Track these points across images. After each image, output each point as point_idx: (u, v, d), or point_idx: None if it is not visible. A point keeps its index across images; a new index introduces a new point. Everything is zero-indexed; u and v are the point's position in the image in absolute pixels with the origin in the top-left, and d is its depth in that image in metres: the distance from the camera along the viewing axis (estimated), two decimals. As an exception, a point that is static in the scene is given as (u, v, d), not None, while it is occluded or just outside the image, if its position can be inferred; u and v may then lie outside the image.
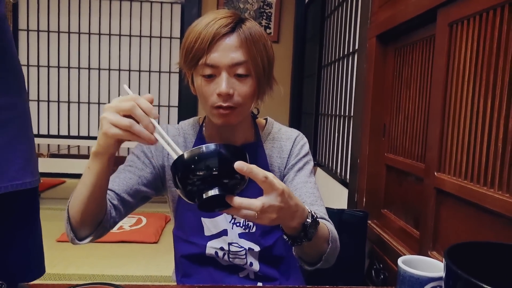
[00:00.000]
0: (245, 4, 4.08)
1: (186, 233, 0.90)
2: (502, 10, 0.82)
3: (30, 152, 0.74)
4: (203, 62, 0.77)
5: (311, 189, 0.89)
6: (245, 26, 0.79)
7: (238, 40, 0.77)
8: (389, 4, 1.42)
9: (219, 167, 0.56)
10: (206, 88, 0.79)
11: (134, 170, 0.87)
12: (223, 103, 0.78)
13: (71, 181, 4.21)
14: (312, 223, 0.67)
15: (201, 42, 0.76)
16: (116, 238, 2.56)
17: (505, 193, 0.80)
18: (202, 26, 0.77)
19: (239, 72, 0.78)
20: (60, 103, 4.22)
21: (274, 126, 0.97)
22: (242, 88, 0.79)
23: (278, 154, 0.93)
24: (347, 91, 2.14)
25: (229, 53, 0.76)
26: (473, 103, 0.91)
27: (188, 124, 0.95)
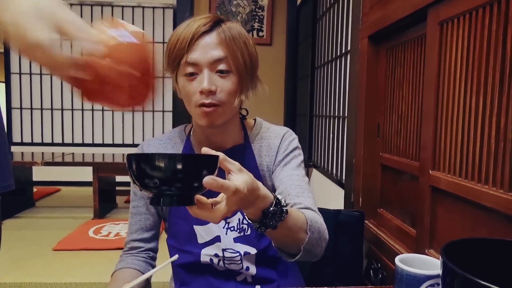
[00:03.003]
0: (237, 8, 4.09)
1: (179, 242, 0.89)
2: (491, 8, 0.82)
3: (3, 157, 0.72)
4: (184, 61, 0.78)
5: (297, 181, 0.86)
6: (224, 25, 0.80)
7: (217, 37, 0.78)
8: (380, 5, 1.43)
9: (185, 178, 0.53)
10: (189, 87, 0.80)
11: (139, 211, 0.94)
12: (205, 100, 0.78)
13: (66, 189, 4.18)
14: (276, 211, 0.63)
15: (181, 42, 0.77)
16: (113, 245, 2.55)
17: (499, 190, 0.80)
18: (182, 28, 0.79)
19: (221, 68, 0.79)
20: (54, 111, 4.20)
21: (263, 126, 0.96)
22: (224, 84, 0.79)
23: (266, 152, 0.92)
24: (341, 92, 2.15)
25: (208, 50, 0.77)
26: (465, 101, 0.92)
27: (174, 133, 0.96)
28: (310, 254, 0.74)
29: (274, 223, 0.63)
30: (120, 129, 4.27)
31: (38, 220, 3.16)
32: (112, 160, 3.24)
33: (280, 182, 0.87)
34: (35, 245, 2.56)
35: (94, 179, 3.07)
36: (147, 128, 4.29)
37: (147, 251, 0.93)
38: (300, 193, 0.84)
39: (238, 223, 0.88)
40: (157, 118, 4.28)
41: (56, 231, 2.82)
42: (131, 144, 4.26)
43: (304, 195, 0.84)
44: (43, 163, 3.00)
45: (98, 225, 2.93)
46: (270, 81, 4.23)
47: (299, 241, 0.71)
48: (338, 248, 1.40)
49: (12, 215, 3.19)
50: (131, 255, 0.91)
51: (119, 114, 4.26)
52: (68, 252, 2.46)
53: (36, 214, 3.31)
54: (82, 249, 2.49)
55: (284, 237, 0.70)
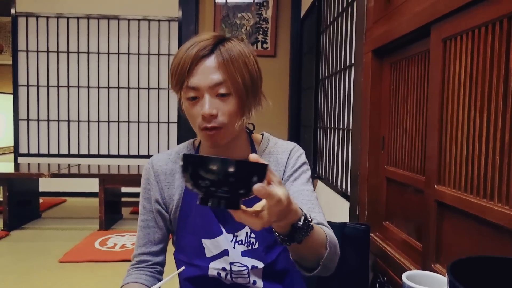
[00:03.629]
0: (241, 20, 4.14)
1: (187, 255, 0.90)
2: (494, 27, 0.84)
3: None
4: (186, 85, 0.80)
5: (307, 197, 0.89)
6: (223, 47, 0.81)
7: (216, 61, 0.80)
8: (384, 20, 1.45)
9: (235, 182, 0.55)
10: (192, 110, 0.82)
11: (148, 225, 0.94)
12: (207, 124, 0.80)
13: (72, 200, 4.20)
14: (304, 226, 0.66)
15: (182, 66, 0.79)
16: (119, 257, 2.55)
17: (504, 205, 0.81)
18: (183, 51, 0.80)
19: (221, 92, 0.80)
20: (60, 122, 4.25)
21: (271, 141, 0.98)
22: (225, 107, 0.81)
23: (274, 167, 0.93)
24: (345, 104, 2.16)
25: (208, 75, 0.79)
26: (470, 117, 0.93)
27: (183, 147, 0.97)
28: (326, 269, 0.77)
29: (301, 237, 0.66)
30: (125, 140, 4.30)
31: (44, 231, 3.17)
32: (117, 172, 3.26)
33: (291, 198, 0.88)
34: (41, 256, 2.57)
35: (100, 191, 3.09)
36: (153, 139, 4.32)
37: (155, 265, 0.93)
38: (312, 209, 0.87)
39: (246, 237, 0.89)
40: (162, 129, 4.31)
41: (62, 242, 2.83)
42: (137, 155, 4.29)
43: (315, 211, 0.87)
44: (50, 174, 3.03)
45: (104, 236, 2.94)
46: (274, 92, 4.26)
47: (319, 256, 0.75)
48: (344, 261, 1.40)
49: (18, 226, 3.20)
50: (139, 269, 0.92)
51: (124, 125, 4.29)
52: (74, 264, 2.46)
53: (42, 225, 3.33)
54: (88, 261, 2.50)
55: (306, 251, 0.72)
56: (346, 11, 2.18)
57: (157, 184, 0.93)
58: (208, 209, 0.88)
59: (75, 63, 4.22)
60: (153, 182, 0.93)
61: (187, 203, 0.90)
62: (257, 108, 0.89)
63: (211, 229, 0.88)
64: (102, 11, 4.16)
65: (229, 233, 0.89)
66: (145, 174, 0.95)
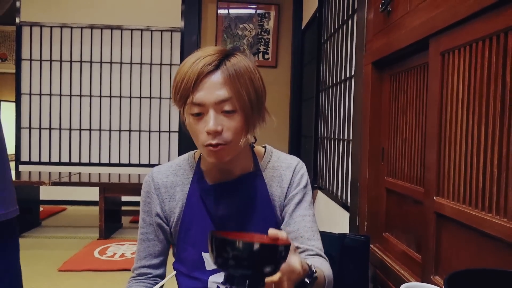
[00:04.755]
0: (243, 31, 4.18)
1: (187, 267, 0.91)
2: (491, 41, 0.85)
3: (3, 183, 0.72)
4: (190, 101, 0.78)
5: (309, 223, 0.91)
6: (229, 62, 0.80)
7: (222, 77, 0.78)
8: (383, 33, 1.47)
9: (256, 266, 0.59)
10: (195, 126, 0.80)
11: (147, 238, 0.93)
12: (212, 141, 0.79)
13: (72, 208, 4.20)
14: (312, 280, 0.73)
15: (187, 81, 0.77)
16: (118, 266, 2.55)
17: (502, 218, 0.81)
18: (188, 66, 0.79)
19: (226, 109, 0.79)
20: (62, 131, 4.27)
21: (274, 155, 0.98)
22: (230, 124, 0.80)
23: (278, 183, 0.94)
24: (345, 115, 2.17)
25: (214, 91, 0.78)
26: (468, 130, 0.94)
27: (183, 160, 0.96)
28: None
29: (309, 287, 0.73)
30: (126, 149, 4.32)
31: (44, 239, 3.16)
32: (118, 180, 3.27)
33: (293, 221, 0.92)
34: (41, 265, 2.56)
35: (101, 199, 3.09)
36: (153, 148, 4.33)
37: (155, 277, 0.93)
38: (312, 236, 0.91)
39: None
40: (163, 138, 4.33)
41: (61, 251, 2.82)
42: (138, 164, 4.30)
43: (314, 238, 0.91)
44: (51, 183, 3.03)
45: (103, 245, 2.93)
46: (275, 103, 4.28)
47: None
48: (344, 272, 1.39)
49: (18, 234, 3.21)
50: (139, 281, 0.92)
51: (126, 134, 4.31)
52: (73, 273, 2.46)
53: (42, 233, 3.32)
54: (87, 270, 2.49)
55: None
56: (346, 23, 2.21)
57: (158, 197, 0.92)
58: (209, 222, 0.89)
59: (78, 72, 4.25)
60: (154, 195, 0.92)
61: (188, 216, 0.90)
62: (261, 125, 0.88)
63: None
64: (106, 21, 4.21)
65: None
66: (145, 187, 0.95)
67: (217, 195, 0.89)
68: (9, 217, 0.74)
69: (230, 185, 0.90)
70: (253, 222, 0.90)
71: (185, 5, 4.13)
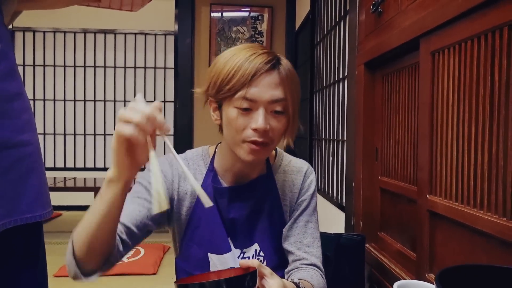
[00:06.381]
0: (237, 34, 4.19)
1: (190, 265, 0.90)
2: (479, 40, 0.87)
3: (41, 186, 0.76)
4: (242, 95, 0.76)
5: (310, 229, 0.92)
6: (283, 63, 0.80)
7: (278, 77, 0.78)
8: (375, 34, 1.48)
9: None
10: (240, 121, 0.78)
11: (142, 203, 0.82)
12: (259, 139, 0.77)
13: (68, 213, 4.18)
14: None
15: (242, 75, 0.75)
16: (115, 270, 2.53)
17: (494, 215, 0.82)
18: (242, 59, 0.76)
19: (277, 109, 0.78)
20: (56, 136, 4.25)
21: (284, 158, 0.97)
22: (276, 125, 0.80)
23: (289, 188, 0.93)
24: (339, 116, 2.19)
25: (269, 90, 0.77)
26: (458, 128, 0.95)
27: (197, 155, 0.93)
28: None
29: None
30: (121, 153, 4.31)
31: (39, 245, 3.14)
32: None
33: (296, 226, 0.93)
34: (36, 271, 2.55)
35: (96, 204, 3.07)
36: (149, 152, 4.32)
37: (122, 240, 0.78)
38: (311, 243, 0.91)
39: (254, 254, 0.90)
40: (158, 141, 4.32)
41: (57, 256, 2.79)
42: (133, 168, 4.28)
43: (314, 245, 0.92)
44: (46, 188, 3.02)
45: (99, 250, 2.92)
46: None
47: None
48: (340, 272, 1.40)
49: (13, 241, 3.18)
50: None
51: (121, 138, 4.30)
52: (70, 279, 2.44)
53: (37, 239, 3.30)
54: (84, 275, 2.48)
55: None
56: (339, 24, 2.22)
57: (172, 183, 0.88)
58: (219, 223, 0.87)
59: (71, 77, 4.24)
60: (169, 179, 0.88)
61: (197, 214, 0.88)
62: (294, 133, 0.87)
63: (219, 244, 0.88)
64: (99, 25, 4.20)
65: (237, 248, 0.89)
66: (165, 161, 0.89)
67: (231, 197, 0.88)
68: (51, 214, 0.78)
69: (244, 189, 0.89)
70: (262, 226, 0.90)
71: (179, 9, 4.13)
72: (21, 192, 0.70)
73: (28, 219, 0.71)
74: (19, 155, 0.70)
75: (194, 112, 4.18)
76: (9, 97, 0.70)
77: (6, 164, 0.68)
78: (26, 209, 0.71)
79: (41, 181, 0.76)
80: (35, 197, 0.73)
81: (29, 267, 0.76)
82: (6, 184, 0.68)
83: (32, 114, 0.78)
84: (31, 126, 0.76)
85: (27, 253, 0.76)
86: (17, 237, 0.73)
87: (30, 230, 0.75)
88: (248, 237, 0.90)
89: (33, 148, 0.74)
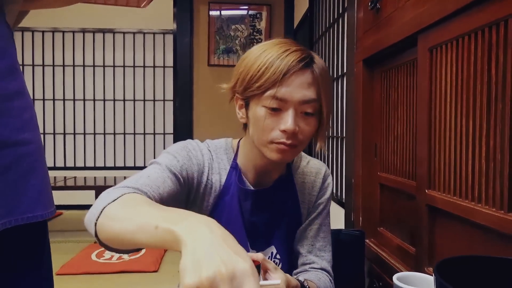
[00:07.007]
0: (235, 32, 4.19)
1: None
2: (476, 36, 0.88)
3: (43, 185, 0.76)
4: (272, 94, 0.72)
5: (323, 233, 0.92)
6: (317, 62, 0.76)
7: (311, 77, 0.74)
8: (373, 30, 1.49)
9: None
10: (268, 121, 0.74)
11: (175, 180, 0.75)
12: (286, 141, 0.74)
13: (68, 212, 4.19)
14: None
15: (273, 73, 0.71)
16: (116, 268, 2.55)
17: (491, 208, 0.83)
18: (274, 56, 0.72)
19: (307, 111, 0.75)
20: (56, 135, 4.25)
21: (303, 159, 0.95)
22: (305, 127, 0.76)
23: (308, 190, 0.92)
24: (338, 113, 2.20)
25: (301, 90, 0.73)
26: (456, 123, 0.96)
27: (220, 148, 0.88)
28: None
29: None
30: (121, 152, 4.31)
31: (41, 245, 3.16)
32: (114, 183, 3.27)
33: (310, 229, 0.93)
34: (38, 270, 2.56)
35: (97, 203, 3.09)
36: (149, 151, 4.33)
37: None
38: (323, 247, 0.92)
39: (270, 256, 0.90)
40: (158, 140, 4.33)
41: (59, 255, 2.82)
42: (133, 166, 4.29)
43: (326, 250, 0.92)
44: (46, 187, 3.02)
45: (100, 248, 2.93)
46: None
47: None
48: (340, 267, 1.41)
49: (14, 240, 3.19)
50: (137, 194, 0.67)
51: (120, 137, 4.31)
52: (72, 276, 2.46)
53: (38, 238, 3.31)
54: (85, 273, 2.49)
55: None
56: (337, 22, 2.23)
57: (202, 174, 0.82)
58: (240, 225, 0.85)
59: (70, 77, 4.24)
60: (200, 167, 0.82)
61: (219, 212, 0.85)
62: (325, 136, 0.83)
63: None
64: (97, 24, 4.20)
65: (254, 249, 0.88)
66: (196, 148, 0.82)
67: (256, 201, 0.86)
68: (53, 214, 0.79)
69: (268, 192, 0.87)
70: (280, 228, 0.90)
71: (177, 8, 4.14)
72: (21, 191, 0.70)
73: (29, 219, 0.70)
74: (19, 154, 0.70)
75: (194, 111, 4.19)
76: (9, 96, 0.69)
77: (6, 163, 0.67)
78: (27, 209, 0.70)
79: (43, 181, 0.76)
80: (36, 197, 0.73)
81: (34, 268, 0.76)
82: (6, 183, 0.67)
83: (34, 113, 0.78)
84: (33, 125, 0.75)
85: (31, 253, 0.75)
86: (20, 237, 0.72)
87: (34, 230, 0.74)
88: (266, 240, 0.89)
89: (34, 147, 0.74)
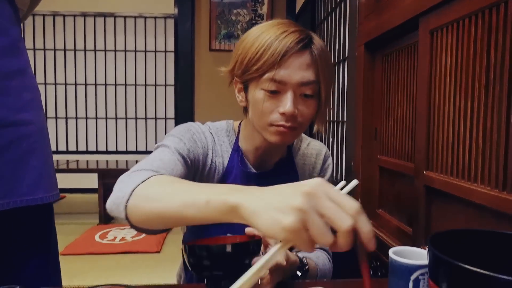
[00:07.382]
0: (237, 17, 4.16)
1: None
2: (476, 18, 0.88)
3: (45, 167, 0.74)
4: (270, 77, 0.71)
5: None
6: (316, 43, 0.74)
7: (310, 58, 0.72)
8: (374, 14, 1.49)
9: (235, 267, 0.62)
10: (267, 103, 0.74)
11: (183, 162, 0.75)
12: (286, 123, 0.74)
13: (71, 196, 4.23)
14: (303, 273, 0.76)
15: (271, 55, 0.70)
16: (119, 249, 2.60)
17: (487, 187, 0.86)
18: (272, 37, 0.71)
19: (306, 93, 0.74)
20: (58, 119, 4.27)
21: (303, 141, 0.95)
22: (305, 109, 0.75)
23: (309, 172, 0.92)
24: (339, 97, 2.21)
25: (300, 71, 0.71)
26: (455, 105, 0.97)
27: (221, 130, 0.87)
28: None
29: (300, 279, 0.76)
30: (123, 136, 4.34)
31: (44, 227, 3.20)
32: (116, 167, 3.30)
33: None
34: (43, 251, 2.61)
35: (99, 185, 3.13)
36: (150, 135, 4.36)
37: None
38: None
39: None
40: (160, 125, 4.35)
41: (62, 236, 2.86)
42: (135, 151, 4.32)
43: None
44: (49, 170, 3.06)
45: (103, 230, 2.98)
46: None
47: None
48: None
49: (18, 222, 3.24)
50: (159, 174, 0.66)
51: (122, 121, 4.33)
52: (75, 257, 2.51)
53: (42, 221, 3.36)
54: (89, 253, 2.54)
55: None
56: (339, 6, 2.22)
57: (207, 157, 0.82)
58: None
59: (72, 61, 4.24)
60: (210, 145, 0.82)
61: None
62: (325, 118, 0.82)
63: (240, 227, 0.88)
64: (98, 8, 4.18)
65: None
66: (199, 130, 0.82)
67: (257, 183, 0.83)
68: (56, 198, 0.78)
69: (270, 174, 0.87)
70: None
71: (178, -9, 4.11)
72: (20, 173, 0.67)
73: (28, 202, 0.68)
74: (18, 135, 0.67)
75: (195, 96, 4.20)
76: (7, 74, 0.67)
77: (2, 143, 0.65)
78: (26, 191, 0.68)
79: (44, 163, 0.73)
80: (36, 179, 0.70)
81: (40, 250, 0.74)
82: (4, 164, 0.65)
83: (38, 94, 0.75)
84: (35, 106, 0.72)
85: (36, 235, 0.74)
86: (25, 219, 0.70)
87: (39, 212, 0.72)
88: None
89: (35, 128, 0.71)
